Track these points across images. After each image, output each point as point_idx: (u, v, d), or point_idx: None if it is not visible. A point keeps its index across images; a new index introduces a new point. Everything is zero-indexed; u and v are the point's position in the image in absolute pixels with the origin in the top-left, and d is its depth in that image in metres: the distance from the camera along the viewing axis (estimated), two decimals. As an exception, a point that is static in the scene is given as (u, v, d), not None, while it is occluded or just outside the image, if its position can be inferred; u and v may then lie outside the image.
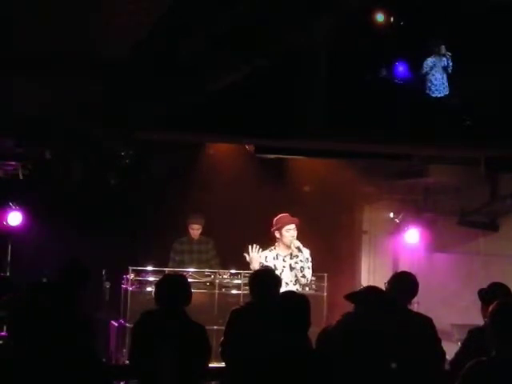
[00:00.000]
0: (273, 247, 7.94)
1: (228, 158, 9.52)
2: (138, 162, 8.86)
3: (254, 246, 7.79)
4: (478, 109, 7.19)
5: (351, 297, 5.15)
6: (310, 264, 7.86)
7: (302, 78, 7.00)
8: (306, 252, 7.87)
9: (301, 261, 7.79)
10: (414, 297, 5.75)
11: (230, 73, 6.41)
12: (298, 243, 7.84)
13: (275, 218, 7.93)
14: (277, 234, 7.91)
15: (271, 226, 7.97)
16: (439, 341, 5.63)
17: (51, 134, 7.55)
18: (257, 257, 7.75)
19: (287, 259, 7.85)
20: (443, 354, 5.64)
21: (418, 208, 10.47)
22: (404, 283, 5.70)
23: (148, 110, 6.97)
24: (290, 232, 7.84)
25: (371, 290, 5.28)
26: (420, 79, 7.29)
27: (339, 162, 8.95)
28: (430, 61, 7.89)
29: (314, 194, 10.37)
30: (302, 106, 7.04)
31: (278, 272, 7.34)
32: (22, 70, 6.66)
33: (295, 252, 7.80)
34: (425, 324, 5.62)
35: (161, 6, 5.50)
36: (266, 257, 7.85)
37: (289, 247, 7.85)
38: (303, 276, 7.80)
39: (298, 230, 7.88)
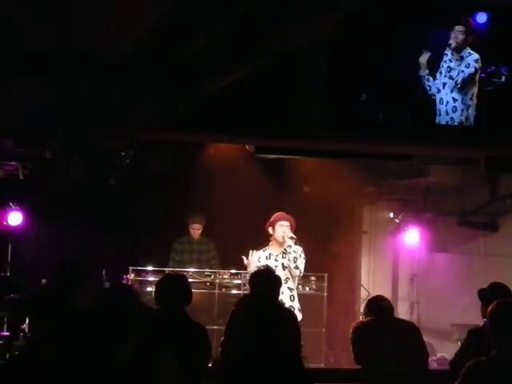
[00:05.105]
0: (266, 247, 7.93)
1: (228, 157, 9.52)
2: (138, 161, 8.86)
3: (254, 251, 7.78)
4: (478, 109, 7.17)
5: None
6: (303, 256, 7.81)
7: (302, 78, 6.99)
8: (299, 248, 7.84)
9: (294, 251, 7.74)
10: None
11: (230, 73, 6.40)
12: (291, 234, 7.80)
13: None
14: (270, 230, 7.91)
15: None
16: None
17: (51, 134, 7.54)
18: (255, 261, 7.74)
19: (279, 258, 7.83)
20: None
21: (418, 208, 10.47)
22: (381, 305, 5.80)
23: (148, 109, 6.96)
24: (282, 228, 7.83)
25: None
26: (421, 79, 7.27)
27: (339, 162, 8.94)
28: (443, 61, 7.85)
29: (313, 194, 10.37)
30: (302, 106, 7.03)
31: None
32: (22, 69, 6.66)
33: (288, 242, 7.75)
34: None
35: (161, 6, 5.50)
36: (259, 257, 7.83)
37: (281, 245, 7.82)
38: (296, 267, 7.71)
39: (293, 229, 7.85)
